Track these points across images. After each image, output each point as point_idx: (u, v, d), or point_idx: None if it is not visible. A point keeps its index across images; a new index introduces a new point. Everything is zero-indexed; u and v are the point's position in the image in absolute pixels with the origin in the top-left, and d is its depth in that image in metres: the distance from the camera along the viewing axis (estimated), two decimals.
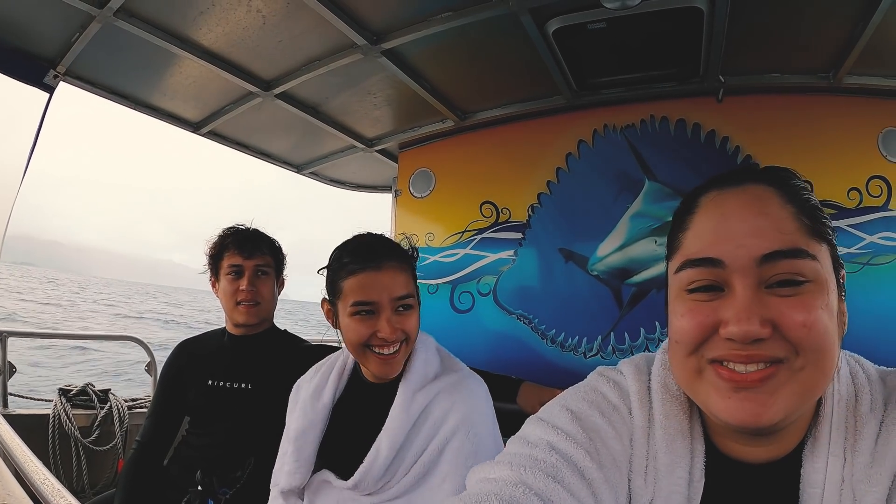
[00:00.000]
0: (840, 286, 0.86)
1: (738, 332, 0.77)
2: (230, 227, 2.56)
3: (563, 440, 0.90)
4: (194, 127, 3.47)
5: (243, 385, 2.43)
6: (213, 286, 2.54)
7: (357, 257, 1.68)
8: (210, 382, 2.44)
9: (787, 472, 0.87)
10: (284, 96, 3.10)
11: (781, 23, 2.44)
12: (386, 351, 1.66)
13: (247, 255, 2.44)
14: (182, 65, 2.84)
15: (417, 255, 1.87)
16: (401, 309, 1.68)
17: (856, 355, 0.97)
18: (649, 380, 1.00)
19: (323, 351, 2.58)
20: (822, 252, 0.82)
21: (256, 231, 2.57)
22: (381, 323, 1.64)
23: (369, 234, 1.80)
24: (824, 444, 0.84)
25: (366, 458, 1.66)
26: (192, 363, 2.52)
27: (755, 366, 0.78)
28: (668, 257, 0.95)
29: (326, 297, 1.80)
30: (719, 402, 0.81)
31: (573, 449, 0.89)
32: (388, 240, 1.80)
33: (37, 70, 2.77)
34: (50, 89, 2.84)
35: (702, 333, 0.82)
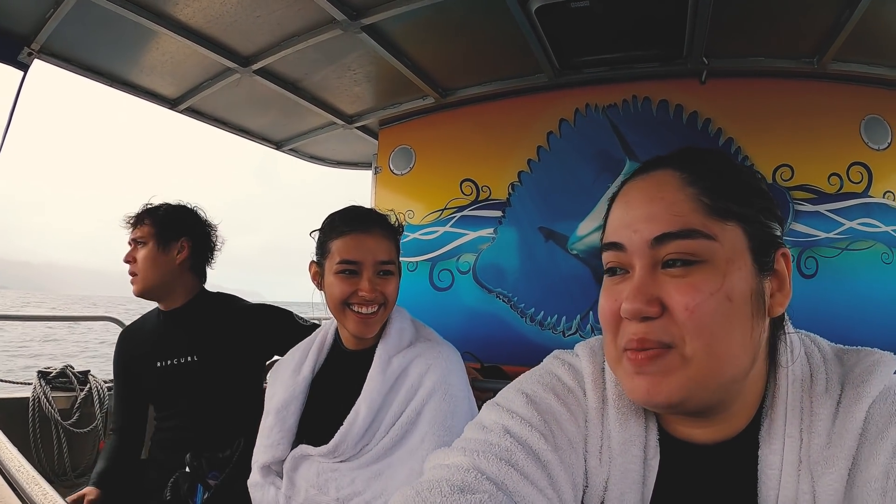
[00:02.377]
0: (762, 265, 0.84)
1: (628, 309, 0.81)
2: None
3: (518, 424, 0.91)
4: (172, 103, 3.41)
5: (189, 358, 2.42)
6: None
7: (347, 221, 1.82)
8: (158, 364, 2.43)
9: (742, 452, 0.87)
10: (263, 72, 3.05)
11: (767, 7, 2.43)
12: (364, 310, 1.76)
13: (132, 228, 2.45)
14: (159, 41, 2.78)
15: (402, 229, 2.00)
16: (382, 273, 1.79)
17: (812, 335, 0.96)
18: (603, 361, 1.00)
19: (267, 310, 2.61)
20: (728, 231, 0.81)
21: (147, 204, 2.54)
22: (363, 282, 1.75)
23: (360, 206, 1.94)
24: (780, 425, 0.85)
25: (345, 421, 1.70)
26: (136, 349, 2.51)
27: (648, 351, 0.80)
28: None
29: (315, 259, 1.90)
30: (627, 382, 0.84)
31: (528, 432, 0.90)
32: (377, 211, 1.93)
33: (10, 47, 2.69)
34: (24, 67, 2.77)
35: (613, 316, 0.85)
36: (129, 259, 2.42)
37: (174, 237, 2.49)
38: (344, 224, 1.82)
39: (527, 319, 3.14)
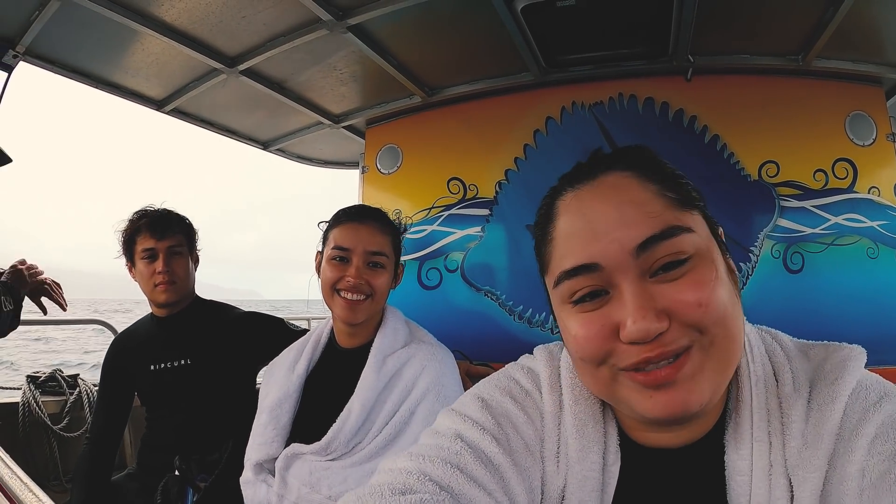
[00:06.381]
0: (721, 244, 0.83)
1: (635, 332, 0.73)
2: (140, 211, 2.57)
3: (470, 427, 0.89)
4: (158, 105, 3.40)
5: (183, 362, 2.47)
6: (130, 271, 2.54)
7: (348, 213, 1.95)
8: (152, 367, 2.47)
9: (707, 457, 0.85)
10: (249, 73, 3.04)
11: (752, 4, 2.44)
12: (350, 296, 1.83)
13: (159, 237, 2.45)
14: (144, 42, 2.77)
15: (404, 229, 2.10)
16: (371, 264, 1.86)
17: (773, 331, 0.93)
18: (560, 365, 0.98)
19: (259, 318, 2.65)
20: (696, 220, 0.80)
21: (167, 212, 2.58)
22: (351, 269, 1.83)
23: (368, 205, 2.07)
24: (746, 429, 0.81)
25: (338, 419, 1.74)
26: (130, 354, 2.54)
27: (666, 361, 0.74)
28: (542, 272, 0.92)
29: (320, 248, 2.00)
30: (643, 402, 0.77)
31: (480, 436, 0.87)
32: (380, 210, 2.03)
33: None
34: (9, 69, 2.77)
35: (602, 344, 0.78)
36: (165, 267, 2.44)
37: (194, 247, 2.63)
38: (345, 216, 1.94)
39: (515, 317, 3.14)
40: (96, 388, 3.62)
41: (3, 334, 2.63)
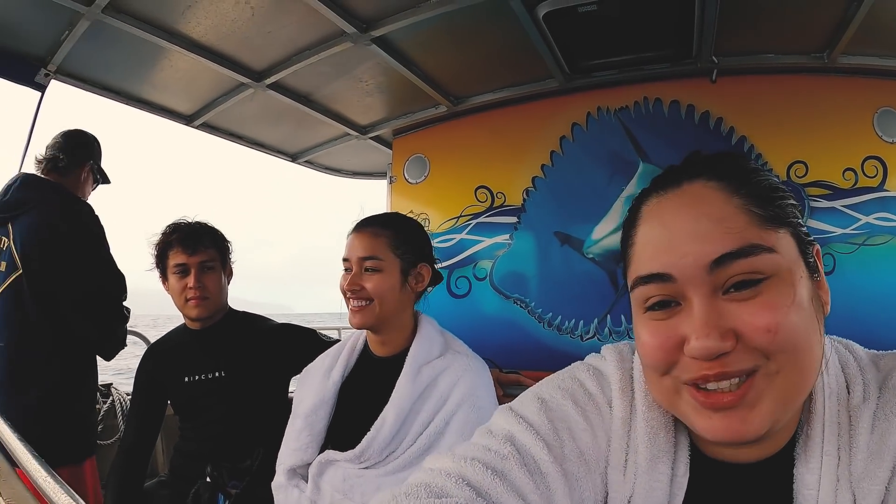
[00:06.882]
0: (811, 266, 0.79)
1: (698, 349, 0.72)
2: (172, 224, 2.55)
3: (524, 431, 0.86)
4: (187, 120, 3.46)
5: (217, 374, 2.47)
6: (164, 284, 2.55)
7: (354, 226, 1.98)
8: (186, 379, 2.48)
9: (777, 471, 0.82)
10: (276, 86, 3.09)
11: (774, 3, 2.42)
12: (352, 303, 1.87)
13: (191, 252, 2.44)
14: (172, 58, 2.83)
15: (421, 230, 2.08)
16: (366, 269, 1.87)
17: (845, 341, 0.90)
18: (633, 367, 0.94)
19: (292, 329, 2.67)
20: (782, 239, 0.75)
21: (199, 225, 2.56)
22: (351, 277, 1.86)
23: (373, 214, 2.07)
24: (817, 442, 0.79)
25: (372, 427, 1.73)
26: (164, 365, 2.55)
27: (728, 382, 0.72)
28: (624, 273, 0.89)
29: None
30: (701, 422, 0.75)
31: (532, 441, 0.84)
32: (382, 214, 2.05)
33: (28, 69, 2.76)
34: (42, 88, 2.85)
35: (667, 355, 0.77)
36: (197, 283, 2.44)
37: (227, 260, 2.62)
38: (352, 228, 1.97)
39: (544, 324, 3.14)
40: (129, 397, 3.67)
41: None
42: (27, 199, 2.70)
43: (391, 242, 1.90)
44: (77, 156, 2.94)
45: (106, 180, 3.18)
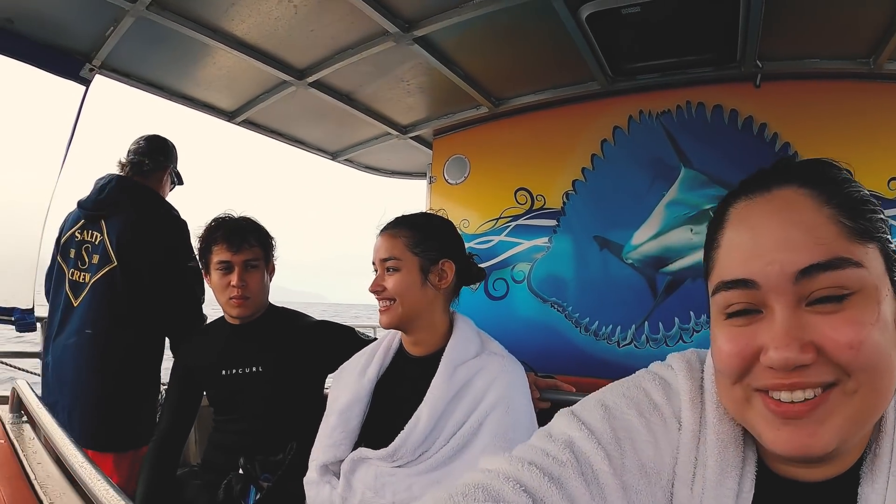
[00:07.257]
0: (895, 284, 0.77)
1: (777, 360, 0.70)
2: (218, 218, 2.53)
3: (585, 438, 0.84)
4: (229, 116, 3.51)
5: (254, 368, 2.47)
6: (206, 277, 2.56)
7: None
8: (223, 372, 2.48)
9: (842, 490, 0.79)
10: (318, 85, 3.11)
11: (820, 7, 2.39)
12: (380, 304, 1.89)
13: (235, 251, 2.43)
14: (215, 56, 2.87)
15: (446, 226, 2.05)
16: (387, 270, 1.89)
17: None
18: (702, 378, 0.91)
19: (330, 326, 2.68)
20: (870, 254, 0.73)
21: (244, 221, 2.53)
22: (374, 279, 1.90)
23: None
24: (885, 462, 0.76)
25: (406, 426, 1.72)
26: (202, 358, 2.56)
27: (802, 393, 0.71)
28: (706, 276, 0.87)
29: None
30: (768, 432, 0.74)
31: (593, 449, 0.83)
32: (409, 214, 2.03)
33: (73, 64, 2.82)
34: (86, 82, 2.90)
35: (742, 363, 0.75)
36: (240, 282, 2.43)
37: (270, 257, 2.61)
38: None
39: (581, 329, 3.11)
40: (165, 387, 3.65)
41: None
42: (121, 199, 2.88)
43: (409, 241, 1.90)
44: (159, 160, 3.10)
45: (181, 182, 3.32)
